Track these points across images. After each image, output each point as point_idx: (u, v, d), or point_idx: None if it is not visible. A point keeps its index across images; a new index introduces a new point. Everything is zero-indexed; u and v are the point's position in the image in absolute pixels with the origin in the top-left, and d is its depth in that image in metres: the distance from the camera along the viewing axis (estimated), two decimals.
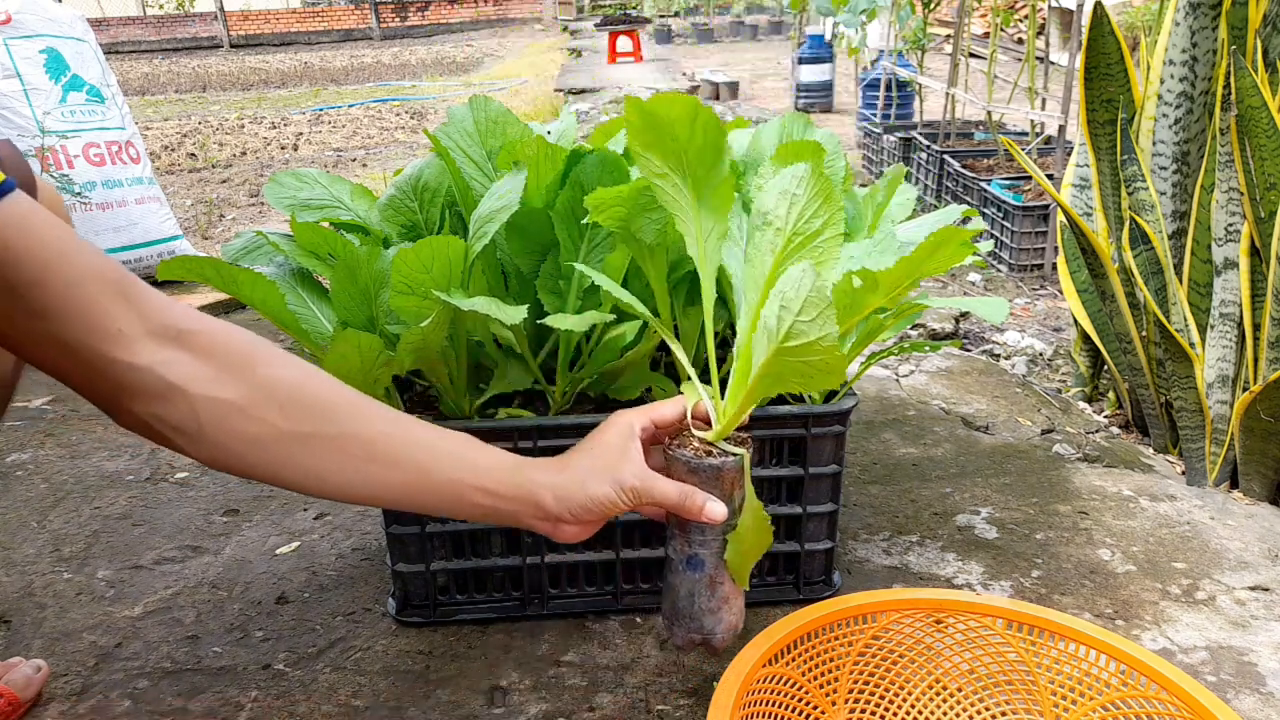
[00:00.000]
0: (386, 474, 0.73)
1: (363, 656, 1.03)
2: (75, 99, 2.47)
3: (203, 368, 0.69)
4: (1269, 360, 1.41)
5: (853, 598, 0.85)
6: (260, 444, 0.70)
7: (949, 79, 3.65)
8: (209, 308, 2.43)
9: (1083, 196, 1.87)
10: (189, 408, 0.69)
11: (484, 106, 1.03)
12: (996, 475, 1.42)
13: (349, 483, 0.73)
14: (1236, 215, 1.43)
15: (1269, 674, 0.97)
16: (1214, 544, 1.22)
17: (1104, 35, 1.59)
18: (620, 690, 0.97)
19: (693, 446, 0.79)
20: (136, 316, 0.67)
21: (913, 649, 0.86)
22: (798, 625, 0.80)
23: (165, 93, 10.44)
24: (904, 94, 5.03)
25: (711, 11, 16.84)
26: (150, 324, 0.68)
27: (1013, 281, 2.97)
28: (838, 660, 0.84)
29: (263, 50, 16.98)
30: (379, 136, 6.26)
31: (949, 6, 7.91)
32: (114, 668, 1.03)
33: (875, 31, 5.69)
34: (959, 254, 1.04)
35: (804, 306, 0.65)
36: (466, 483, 0.74)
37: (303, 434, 0.71)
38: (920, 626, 0.86)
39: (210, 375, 0.69)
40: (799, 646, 0.81)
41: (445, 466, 0.75)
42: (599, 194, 0.89)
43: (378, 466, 0.73)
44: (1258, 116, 1.33)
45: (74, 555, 1.26)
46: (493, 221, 0.89)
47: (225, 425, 0.69)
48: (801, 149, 0.94)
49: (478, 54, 13.19)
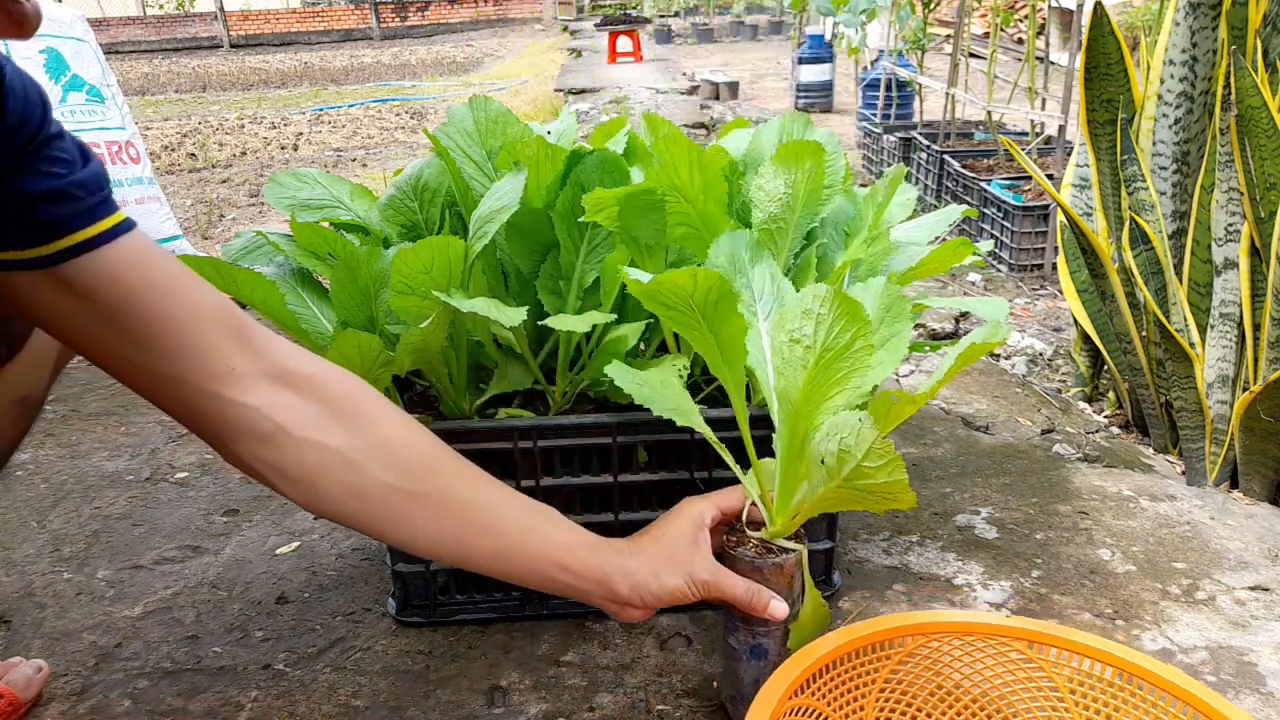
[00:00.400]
0: (478, 540, 0.75)
1: (363, 656, 1.03)
2: (75, 99, 2.47)
3: (312, 413, 0.70)
4: (1269, 360, 1.41)
5: (877, 622, 0.82)
6: (362, 496, 0.72)
7: (949, 79, 3.65)
8: None
9: (1083, 196, 1.87)
10: (295, 452, 0.69)
11: (484, 107, 1.03)
12: (996, 475, 1.42)
13: (441, 542, 0.75)
14: (1236, 215, 1.43)
15: (1269, 674, 0.97)
16: (1214, 544, 1.22)
17: (1104, 35, 1.59)
18: (620, 690, 0.97)
19: (752, 545, 0.83)
20: (249, 356, 0.68)
21: (939, 674, 0.83)
22: (822, 654, 0.78)
23: (165, 93, 10.45)
24: (904, 94, 5.03)
25: (711, 11, 16.85)
26: (263, 363, 0.68)
27: (1013, 281, 2.97)
28: (863, 689, 0.81)
29: (263, 50, 16.98)
30: (379, 136, 6.26)
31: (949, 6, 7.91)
32: (114, 668, 1.03)
33: (875, 31, 5.68)
34: (958, 254, 1.04)
35: (869, 454, 0.71)
36: (551, 558, 0.77)
37: (405, 490, 0.73)
38: (946, 651, 0.83)
39: (318, 421, 0.70)
40: (823, 676, 0.78)
41: (533, 540, 0.77)
42: (597, 194, 0.89)
43: (473, 532, 0.75)
44: (1258, 116, 1.33)
45: (74, 555, 1.26)
46: (493, 221, 0.89)
47: (329, 474, 0.70)
48: (802, 149, 0.95)
49: (478, 54, 13.19)
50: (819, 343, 0.73)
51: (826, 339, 0.73)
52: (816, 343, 0.74)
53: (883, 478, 0.72)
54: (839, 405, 0.76)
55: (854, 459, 0.72)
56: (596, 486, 1.02)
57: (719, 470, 1.01)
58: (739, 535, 0.85)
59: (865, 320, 0.73)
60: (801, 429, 0.78)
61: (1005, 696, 0.82)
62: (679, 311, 0.77)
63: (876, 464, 0.72)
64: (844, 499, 0.78)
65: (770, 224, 0.97)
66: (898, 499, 0.74)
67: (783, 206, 0.96)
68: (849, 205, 1.05)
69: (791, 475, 0.81)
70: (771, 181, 0.96)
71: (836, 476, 0.75)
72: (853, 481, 0.74)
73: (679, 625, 1.07)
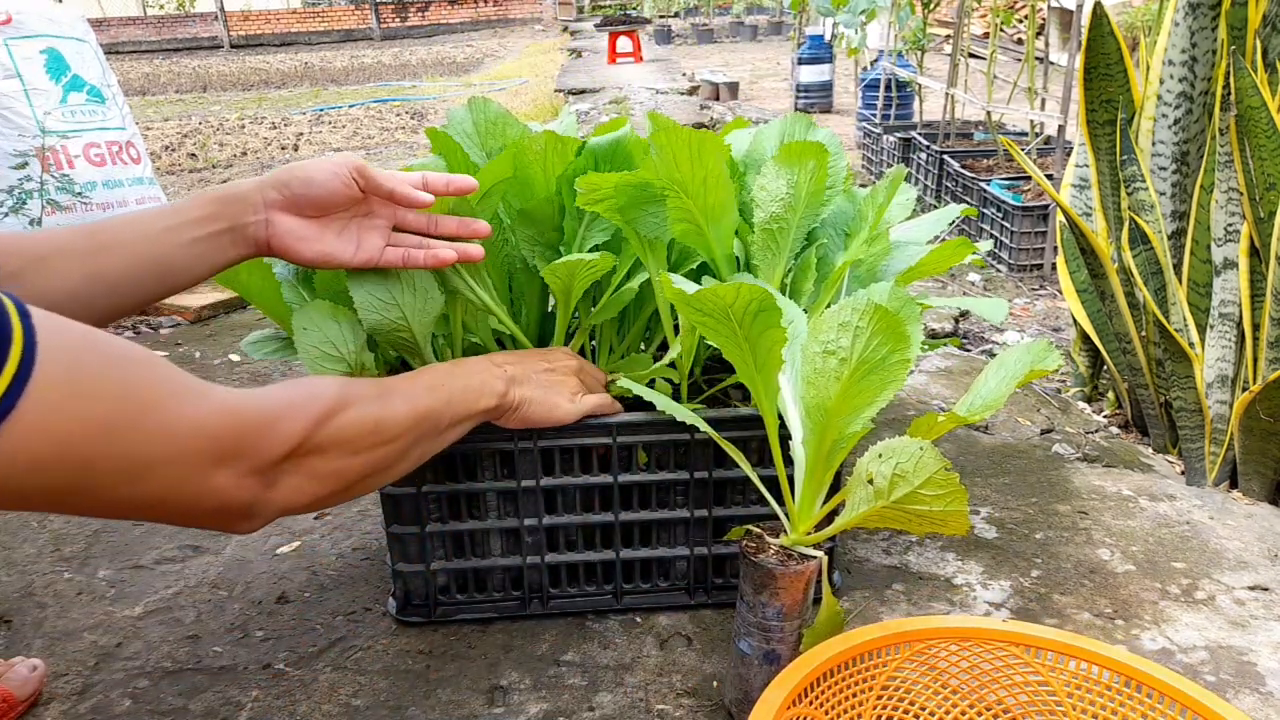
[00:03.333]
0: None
1: (363, 656, 1.03)
2: (76, 99, 2.47)
3: (307, 485, 0.71)
4: (1268, 360, 1.41)
5: (874, 629, 0.81)
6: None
7: (949, 79, 3.65)
8: (209, 307, 2.43)
9: (1082, 197, 1.87)
10: (302, 510, 0.72)
11: (483, 108, 1.03)
12: (996, 475, 1.43)
13: None
14: (1236, 215, 1.43)
15: (1268, 674, 0.98)
16: (1213, 544, 1.22)
17: (1104, 35, 1.59)
18: (620, 690, 0.97)
19: (773, 551, 0.83)
20: (237, 473, 0.63)
21: (937, 679, 0.83)
22: (819, 662, 0.77)
23: (166, 93, 10.45)
24: (904, 94, 5.04)
25: (711, 12, 16.85)
26: (252, 463, 0.65)
27: (1012, 281, 2.98)
28: (862, 695, 0.81)
29: (263, 50, 16.98)
30: (379, 137, 6.27)
31: (949, 6, 7.91)
32: (114, 667, 1.03)
33: (875, 32, 5.69)
34: (958, 254, 1.04)
35: (927, 483, 0.72)
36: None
37: None
38: (944, 656, 0.82)
39: (314, 488, 0.71)
40: (821, 684, 0.78)
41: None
42: (591, 178, 0.88)
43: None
44: (1257, 116, 1.33)
45: (74, 555, 1.26)
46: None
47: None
48: (804, 149, 0.95)
49: (478, 54, 13.19)
50: (855, 355, 0.73)
51: (864, 352, 0.73)
52: (853, 355, 0.73)
53: (940, 506, 0.72)
54: (867, 417, 0.77)
55: (909, 484, 0.72)
56: (597, 486, 1.02)
57: (719, 470, 1.01)
58: (759, 541, 0.85)
59: (905, 335, 0.72)
60: (829, 440, 0.79)
61: (1003, 701, 0.82)
62: (715, 319, 0.77)
63: (935, 493, 0.72)
64: (888, 519, 0.78)
65: (772, 224, 0.97)
66: (948, 525, 0.74)
67: (785, 206, 0.96)
68: (849, 205, 1.05)
69: (814, 485, 0.82)
70: (774, 181, 0.96)
71: (885, 498, 0.74)
72: (902, 505, 0.74)
73: (679, 625, 1.07)
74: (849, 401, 0.76)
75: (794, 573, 0.81)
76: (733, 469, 1.01)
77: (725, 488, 1.03)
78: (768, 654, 0.84)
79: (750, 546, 0.84)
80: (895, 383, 0.75)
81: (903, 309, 0.83)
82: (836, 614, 0.85)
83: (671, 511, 1.04)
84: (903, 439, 0.74)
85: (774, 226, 0.97)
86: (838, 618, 0.85)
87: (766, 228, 0.97)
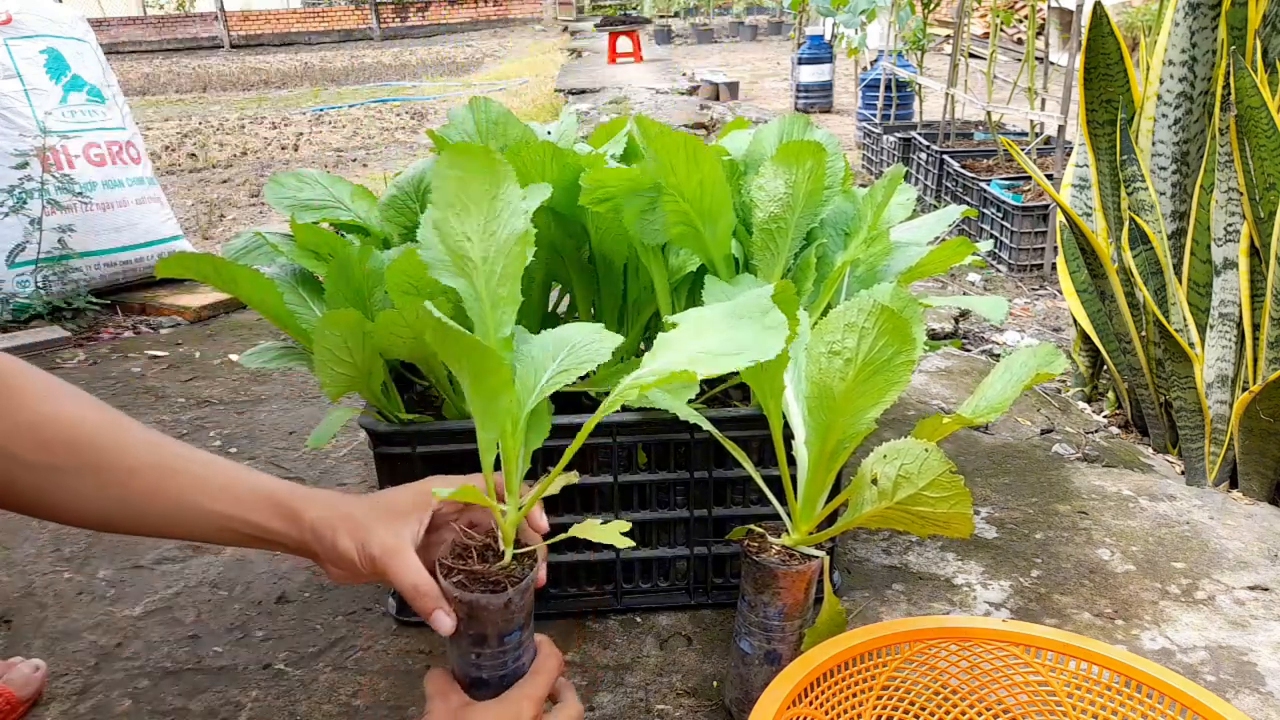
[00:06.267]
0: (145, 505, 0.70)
1: (363, 656, 1.03)
2: (76, 99, 2.47)
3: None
4: (1268, 360, 1.41)
5: (873, 629, 0.81)
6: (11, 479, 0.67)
7: (949, 79, 3.65)
8: (209, 307, 2.43)
9: (1082, 197, 1.87)
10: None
11: (484, 108, 1.03)
12: (996, 475, 1.43)
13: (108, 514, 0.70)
14: (1236, 215, 1.43)
15: (1268, 673, 0.98)
16: (1213, 544, 1.22)
17: (1104, 35, 1.59)
18: (620, 690, 0.97)
19: (775, 550, 0.83)
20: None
21: (936, 679, 0.83)
22: (819, 663, 0.77)
23: (165, 93, 10.45)
24: (903, 94, 5.03)
25: (711, 12, 16.85)
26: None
27: (1012, 281, 2.97)
28: (862, 695, 0.81)
29: (263, 50, 16.97)
30: (379, 137, 6.26)
31: (949, 6, 7.90)
32: (114, 667, 1.03)
33: (875, 32, 5.68)
34: (958, 254, 1.04)
35: (932, 485, 0.72)
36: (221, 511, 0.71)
37: (57, 466, 0.67)
38: (944, 656, 0.82)
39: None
40: (821, 684, 0.78)
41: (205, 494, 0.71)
42: (596, 174, 0.88)
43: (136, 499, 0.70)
44: (1257, 116, 1.33)
45: (75, 555, 1.26)
46: None
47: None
48: (802, 149, 0.95)
49: (478, 54, 13.19)
50: (860, 356, 0.73)
51: (869, 352, 0.73)
52: (858, 356, 0.74)
53: (944, 508, 0.73)
54: (871, 417, 0.77)
55: (914, 485, 0.73)
56: (596, 486, 1.02)
57: (720, 470, 1.01)
58: (761, 541, 0.85)
59: (910, 336, 0.73)
60: (833, 439, 0.79)
61: (1003, 701, 0.82)
62: None
63: (940, 495, 0.72)
64: (891, 520, 0.78)
65: (771, 224, 0.97)
66: (951, 527, 0.75)
67: (783, 206, 0.96)
68: (848, 205, 1.05)
69: (817, 484, 0.82)
70: (772, 181, 0.96)
71: (889, 498, 0.75)
72: (906, 506, 0.74)
73: (679, 625, 1.07)
74: (854, 402, 0.76)
75: (796, 572, 0.81)
76: (732, 469, 1.01)
77: (725, 488, 1.03)
78: (769, 653, 0.84)
79: (752, 546, 0.84)
80: (900, 383, 0.75)
81: (906, 309, 0.83)
82: (838, 614, 0.85)
83: (671, 511, 1.04)
84: (908, 440, 0.74)
85: (773, 226, 0.97)
86: (840, 618, 0.85)
87: (765, 228, 0.97)
